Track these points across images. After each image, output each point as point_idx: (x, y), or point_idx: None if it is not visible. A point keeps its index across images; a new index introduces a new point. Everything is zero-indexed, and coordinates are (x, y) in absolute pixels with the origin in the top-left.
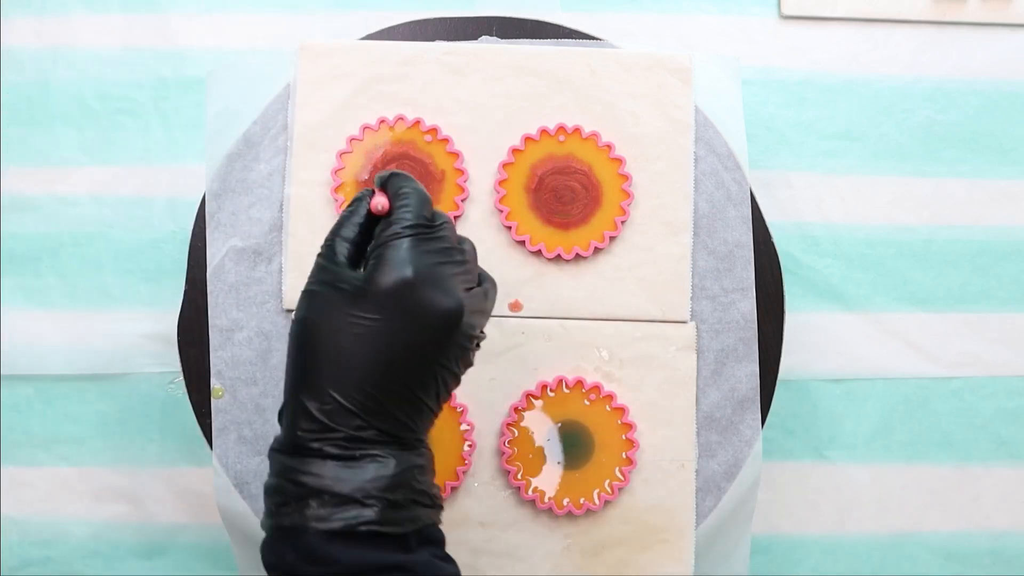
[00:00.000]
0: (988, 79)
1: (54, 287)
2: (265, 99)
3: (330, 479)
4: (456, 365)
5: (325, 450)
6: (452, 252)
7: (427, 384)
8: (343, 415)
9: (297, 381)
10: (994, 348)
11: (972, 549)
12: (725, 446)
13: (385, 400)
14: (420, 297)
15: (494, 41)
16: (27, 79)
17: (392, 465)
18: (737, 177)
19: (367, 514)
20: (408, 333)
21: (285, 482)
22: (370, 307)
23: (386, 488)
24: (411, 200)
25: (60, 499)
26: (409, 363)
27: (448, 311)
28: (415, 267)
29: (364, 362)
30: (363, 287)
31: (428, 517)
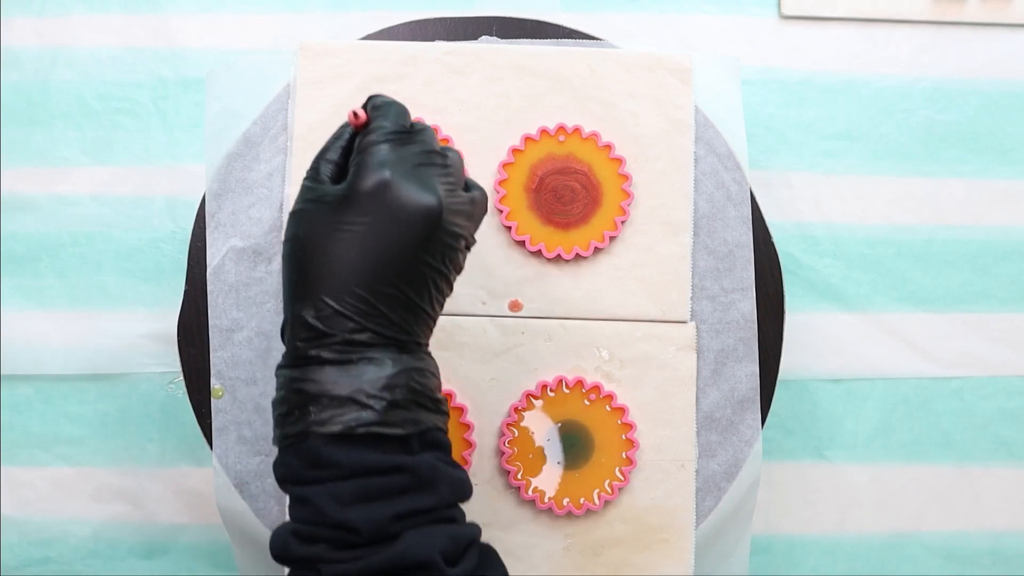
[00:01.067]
0: (988, 79)
1: (54, 287)
2: (265, 99)
3: (328, 383)
4: (444, 265)
5: (322, 356)
6: (432, 156)
7: (417, 284)
8: (337, 319)
9: (292, 294)
10: (994, 348)
11: (972, 549)
12: (725, 446)
13: (376, 301)
14: (398, 194)
15: (494, 41)
16: (27, 79)
17: (389, 366)
18: (737, 177)
19: (366, 416)
20: (391, 231)
21: (288, 392)
22: (353, 212)
23: (384, 387)
24: (388, 110)
25: (60, 499)
26: (395, 261)
27: (427, 206)
28: (392, 168)
29: (352, 265)
30: (344, 194)
31: (431, 420)
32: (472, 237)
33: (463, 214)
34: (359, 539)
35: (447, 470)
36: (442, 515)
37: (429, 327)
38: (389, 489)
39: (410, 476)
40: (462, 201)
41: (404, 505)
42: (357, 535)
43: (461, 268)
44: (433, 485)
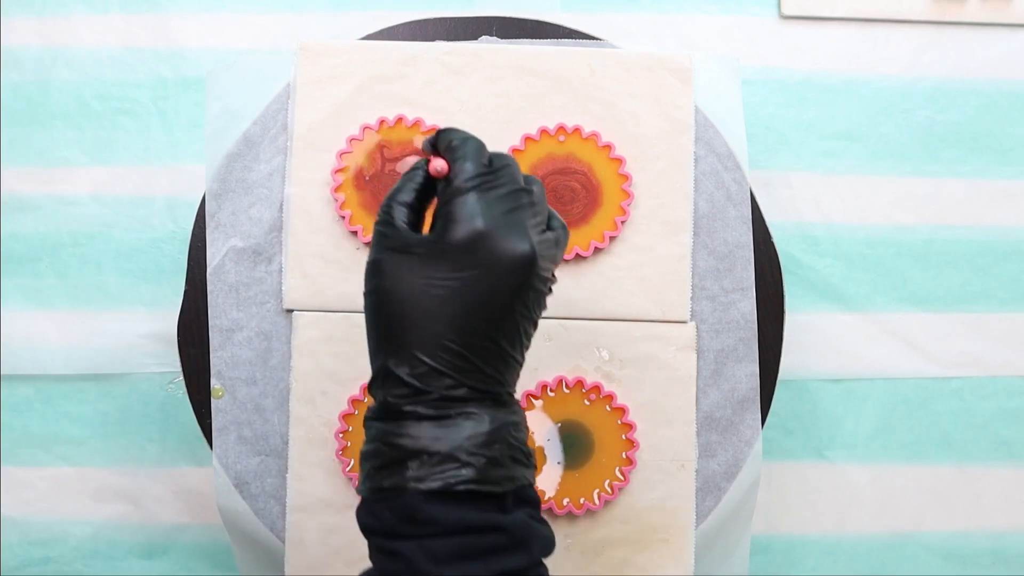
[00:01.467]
0: (988, 79)
1: (54, 287)
2: (265, 99)
3: (427, 439)
4: (533, 311)
5: (420, 412)
6: (519, 195)
7: (510, 333)
8: (433, 376)
9: (382, 348)
10: (994, 348)
11: (972, 549)
12: (725, 446)
13: (472, 356)
14: (494, 246)
15: (494, 41)
16: (27, 79)
17: (487, 421)
18: (737, 177)
19: (465, 472)
20: (486, 284)
21: (382, 446)
22: (446, 266)
23: (483, 445)
24: (465, 150)
25: (60, 499)
26: (491, 314)
27: (524, 256)
28: (484, 217)
29: (448, 321)
30: (436, 246)
31: (524, 476)
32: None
33: (551, 256)
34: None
35: (538, 528)
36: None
37: (518, 374)
38: (484, 548)
39: (505, 535)
40: (550, 242)
41: (498, 565)
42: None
43: (545, 308)
44: (526, 544)
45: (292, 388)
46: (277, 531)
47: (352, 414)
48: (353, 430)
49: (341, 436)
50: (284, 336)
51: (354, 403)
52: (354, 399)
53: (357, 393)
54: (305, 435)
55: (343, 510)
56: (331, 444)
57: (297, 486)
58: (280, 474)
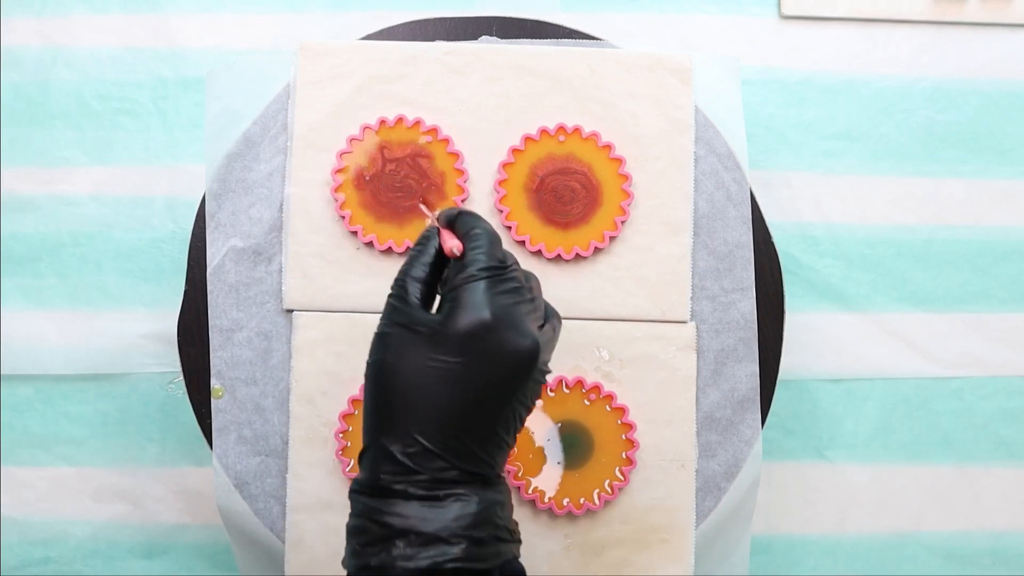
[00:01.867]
0: (988, 79)
1: (54, 287)
2: (265, 99)
3: (415, 519)
4: (531, 400)
5: (409, 491)
6: (523, 291)
7: (507, 422)
8: (426, 457)
9: (378, 424)
10: (994, 348)
11: (972, 549)
12: (725, 446)
13: (468, 441)
14: (499, 339)
15: (494, 41)
16: (27, 79)
17: (475, 503)
18: (737, 177)
19: (453, 551)
20: (488, 374)
21: (369, 523)
22: (449, 349)
23: (470, 527)
24: (483, 241)
25: (60, 499)
26: (490, 403)
27: (527, 351)
28: (492, 309)
29: (446, 404)
30: (441, 330)
31: (509, 552)
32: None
33: (549, 348)
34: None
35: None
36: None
37: (508, 456)
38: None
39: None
40: (548, 336)
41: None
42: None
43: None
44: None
45: (292, 388)
46: (277, 531)
47: (352, 414)
48: (353, 430)
49: (341, 436)
50: (284, 336)
51: (354, 403)
52: (354, 399)
53: (357, 393)
54: (305, 435)
55: (343, 510)
56: (331, 444)
57: (297, 486)
58: (280, 474)
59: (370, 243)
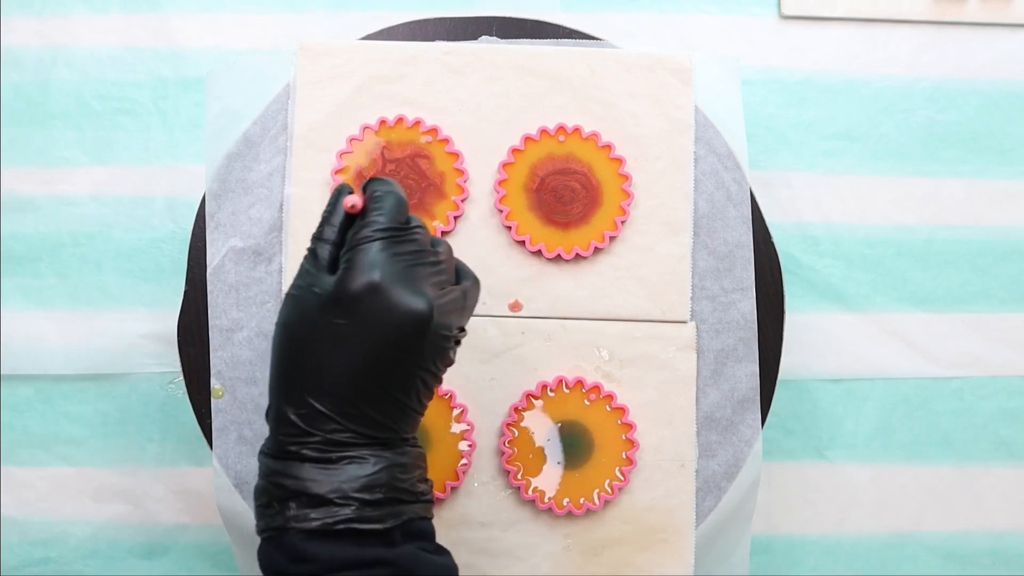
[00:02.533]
0: (988, 79)
1: (54, 287)
2: (265, 99)
3: (308, 481)
4: (434, 365)
5: (303, 453)
6: (424, 254)
7: (405, 385)
8: (319, 419)
9: (276, 386)
10: (994, 348)
11: (972, 549)
12: (725, 446)
13: (361, 403)
14: (388, 299)
15: (494, 41)
16: (27, 79)
17: (371, 464)
18: (737, 177)
19: (343, 512)
20: (379, 336)
21: (269, 484)
22: (341, 311)
23: (362, 488)
24: (385, 203)
25: (60, 499)
26: (383, 366)
27: (417, 312)
28: (383, 270)
29: (338, 367)
30: (333, 292)
31: (411, 511)
32: (464, 329)
33: (455, 311)
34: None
35: (430, 559)
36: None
37: (416, 421)
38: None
39: (391, 569)
40: (454, 298)
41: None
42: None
43: (452, 362)
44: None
45: None
46: None
47: None
48: None
49: None
50: None
51: None
52: None
53: None
54: None
55: None
56: None
57: None
58: None
59: None
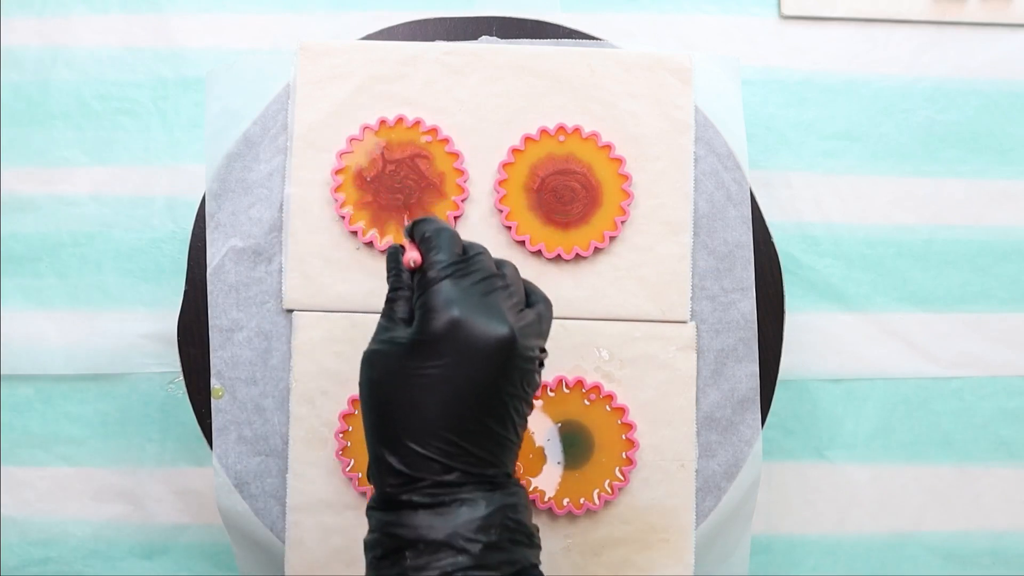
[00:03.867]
0: (988, 79)
1: (54, 287)
2: (265, 99)
3: (423, 528)
4: (523, 390)
5: (414, 500)
6: (493, 280)
7: (500, 414)
8: (424, 463)
9: (375, 439)
10: (994, 348)
11: (972, 549)
12: (725, 446)
13: (461, 440)
14: (470, 332)
15: (494, 41)
16: (27, 79)
17: (483, 506)
18: (737, 177)
19: (462, 560)
20: (468, 370)
21: (382, 536)
22: (426, 355)
23: (479, 530)
24: (439, 240)
25: (60, 499)
26: (476, 398)
27: (501, 337)
28: (459, 304)
29: (433, 409)
30: (417, 338)
31: (526, 558)
32: (545, 349)
33: (534, 335)
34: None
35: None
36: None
37: (515, 454)
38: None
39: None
40: (531, 321)
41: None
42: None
43: (539, 385)
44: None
45: (292, 388)
46: (277, 531)
47: (352, 414)
48: (353, 430)
49: (341, 436)
50: (284, 336)
51: (354, 403)
52: (354, 399)
53: (357, 393)
54: (305, 435)
55: (343, 510)
56: (331, 444)
57: (297, 486)
58: (280, 474)
59: (370, 243)
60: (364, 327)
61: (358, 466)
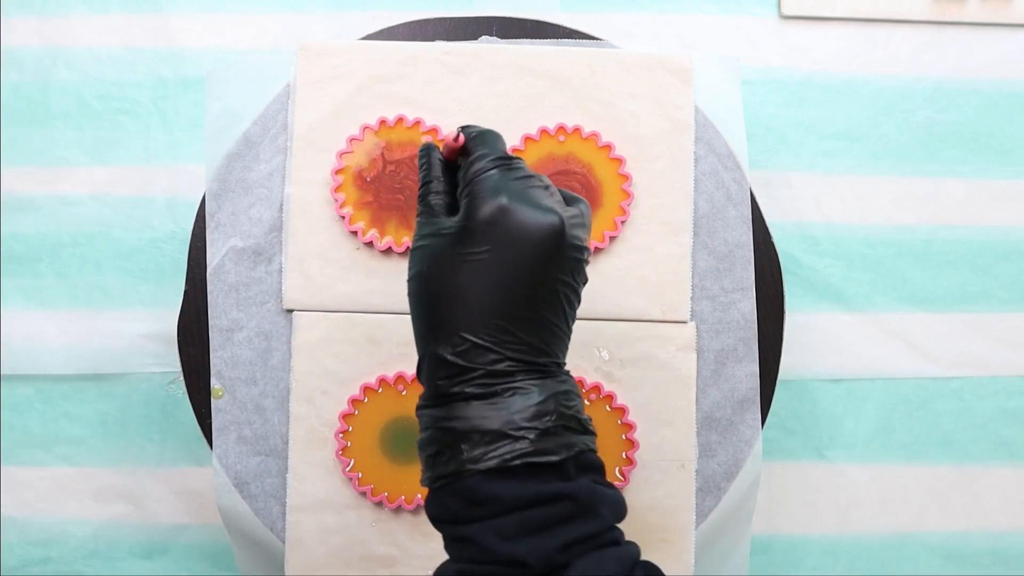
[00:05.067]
0: (988, 79)
1: (54, 287)
2: (265, 99)
3: (477, 418)
4: (573, 279)
5: (467, 391)
6: (535, 179)
7: (551, 302)
8: (476, 352)
9: (425, 333)
10: (994, 348)
11: (972, 549)
12: (725, 446)
13: (514, 328)
14: (520, 219)
15: (494, 41)
16: (27, 79)
17: (535, 394)
18: (737, 177)
19: (519, 446)
20: (518, 256)
21: (435, 432)
22: (476, 241)
23: (534, 417)
24: (487, 137)
25: (60, 499)
26: (527, 286)
27: (551, 224)
28: (508, 193)
29: (485, 295)
30: (465, 224)
31: (583, 442)
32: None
33: (580, 225)
34: (529, 573)
35: (605, 492)
36: (606, 539)
37: (566, 344)
38: (552, 519)
39: (571, 503)
40: (576, 213)
41: (569, 534)
42: (527, 569)
43: (587, 279)
44: (595, 509)
45: (292, 388)
46: (277, 531)
47: (352, 414)
48: (353, 430)
49: (341, 436)
50: (284, 336)
51: (354, 403)
52: (354, 399)
53: (357, 393)
54: (305, 435)
55: (343, 510)
56: (331, 444)
57: (297, 486)
58: (280, 474)
59: (370, 243)
60: (364, 327)
61: (358, 466)
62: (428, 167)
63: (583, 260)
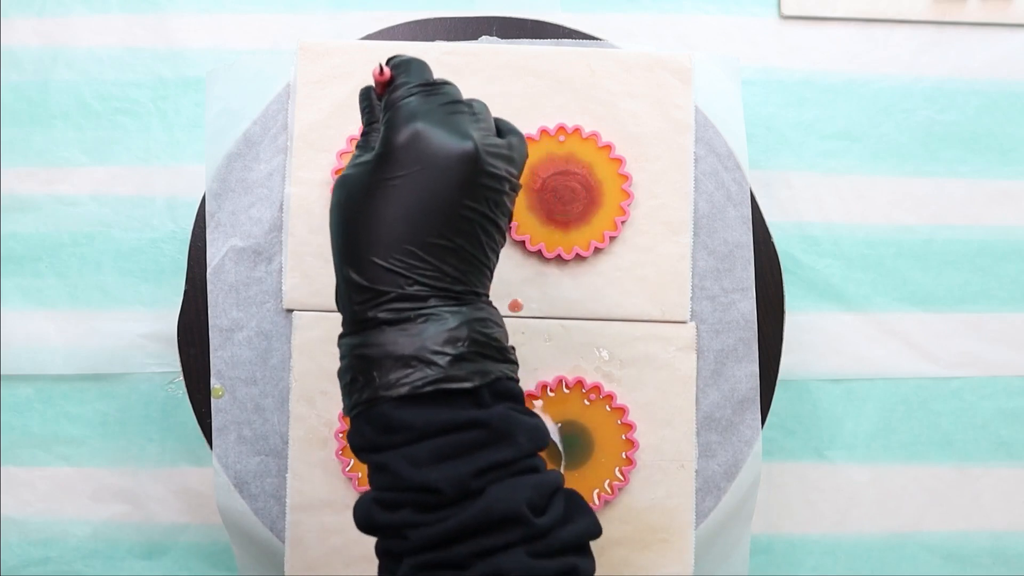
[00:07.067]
0: (988, 79)
1: (54, 287)
2: (265, 99)
3: (389, 345)
4: (490, 209)
5: (379, 317)
6: (458, 105)
7: (465, 231)
8: (387, 276)
9: (340, 258)
10: (994, 348)
11: (972, 549)
12: (725, 446)
13: (425, 254)
14: (433, 143)
15: (494, 41)
16: (27, 79)
17: (449, 319)
18: (737, 177)
19: (430, 372)
20: (430, 180)
21: (351, 359)
22: (391, 167)
23: (446, 343)
24: (410, 66)
25: (60, 499)
26: (438, 210)
27: (464, 150)
28: (422, 118)
29: (395, 220)
30: (380, 152)
31: (499, 370)
32: (517, 181)
33: (501, 157)
34: (442, 499)
35: (522, 419)
36: (523, 466)
37: (487, 276)
38: (466, 445)
39: (485, 430)
40: (498, 144)
41: (483, 460)
42: (440, 496)
43: (510, 213)
44: (511, 436)
45: (292, 388)
46: (277, 531)
47: None
48: None
49: (341, 436)
50: (284, 336)
51: None
52: None
53: None
54: (305, 435)
55: (343, 510)
56: (331, 444)
57: (297, 486)
58: (280, 474)
59: None
60: None
61: (358, 466)
62: (369, 110)
63: (502, 190)
